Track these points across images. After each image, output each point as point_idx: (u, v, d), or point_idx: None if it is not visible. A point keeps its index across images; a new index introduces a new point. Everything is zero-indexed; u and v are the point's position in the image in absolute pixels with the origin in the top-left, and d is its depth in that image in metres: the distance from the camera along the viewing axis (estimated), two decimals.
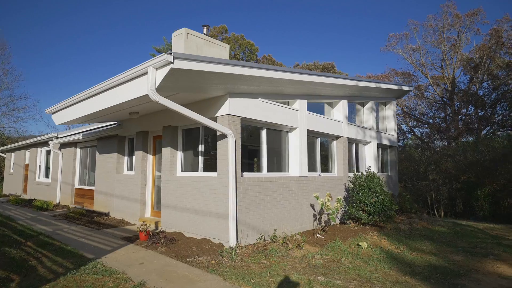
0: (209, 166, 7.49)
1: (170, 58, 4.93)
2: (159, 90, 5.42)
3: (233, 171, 6.48)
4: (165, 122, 8.25)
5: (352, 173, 10.36)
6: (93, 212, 10.97)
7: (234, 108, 6.76)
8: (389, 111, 13.65)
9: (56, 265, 5.24)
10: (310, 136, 9.03)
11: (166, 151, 8.15)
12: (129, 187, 9.59)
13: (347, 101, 10.65)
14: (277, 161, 8.37)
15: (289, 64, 40.67)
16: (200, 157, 7.73)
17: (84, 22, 61.94)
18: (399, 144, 28.35)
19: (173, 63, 4.99)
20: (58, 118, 8.85)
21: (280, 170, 8.35)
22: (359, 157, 11.78)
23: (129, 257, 5.73)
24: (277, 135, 8.37)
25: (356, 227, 8.67)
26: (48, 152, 15.44)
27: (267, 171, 7.76)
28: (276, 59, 33.17)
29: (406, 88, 13.16)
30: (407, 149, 27.46)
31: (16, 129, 31.10)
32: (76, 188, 13.02)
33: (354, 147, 11.44)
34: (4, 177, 21.19)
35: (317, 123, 9.17)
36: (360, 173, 9.27)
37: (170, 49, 16.49)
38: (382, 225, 9.00)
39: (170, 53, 4.94)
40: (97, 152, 11.46)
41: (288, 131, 8.58)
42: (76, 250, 6.11)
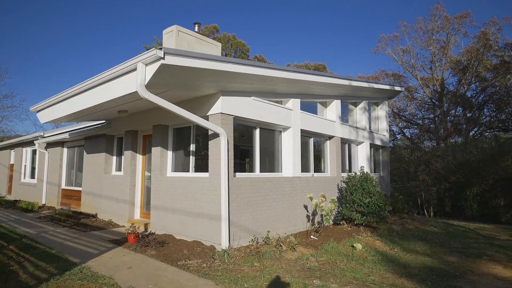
0: (201, 166, 7.30)
1: (160, 53, 4.73)
2: (149, 87, 5.21)
3: (226, 171, 6.31)
4: (155, 121, 8.02)
5: (345, 174, 10.29)
6: (80, 213, 10.64)
7: (227, 106, 6.59)
8: (381, 112, 13.65)
9: (39, 270, 4.98)
10: (303, 136, 8.91)
11: (156, 150, 7.92)
12: (118, 188, 9.31)
13: (340, 100, 10.58)
14: (270, 161, 8.22)
15: (280, 65, 40.56)
16: (191, 157, 7.53)
17: (75, 22, 60.87)
18: (390, 144, 28.55)
19: (163, 58, 4.79)
20: (43, 116, 8.54)
21: (273, 170, 8.21)
22: (351, 157, 11.72)
23: (117, 261, 5.50)
24: (270, 134, 8.22)
25: (349, 228, 8.58)
26: (34, 152, 15.00)
27: (260, 172, 7.61)
28: (267, 59, 33.12)
29: (398, 88, 13.17)
30: (397, 150, 27.67)
31: (1, 128, 30.32)
32: (62, 189, 12.65)
33: (347, 147, 11.38)
34: None
35: (311, 123, 9.06)
36: (353, 174, 9.19)
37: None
38: (376, 226, 8.94)
39: (161, 48, 4.74)
40: (84, 152, 11.13)
41: (281, 131, 8.45)
42: (61, 254, 5.85)
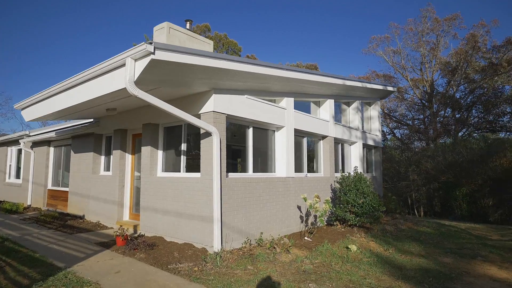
0: (192, 166, 7.10)
1: (150, 48, 4.53)
2: (138, 83, 5.00)
3: (218, 171, 6.13)
4: (145, 120, 7.78)
5: (338, 174, 10.20)
6: (67, 215, 10.31)
7: (219, 104, 6.41)
8: (373, 112, 13.63)
9: (20, 276, 4.72)
10: (296, 136, 8.78)
11: (146, 150, 7.68)
12: (106, 188, 9.03)
13: (333, 100, 10.49)
14: (263, 161, 8.07)
15: None
16: (182, 156, 7.32)
17: (63, 22, 59.71)
18: (381, 145, 28.72)
19: (153, 53, 4.59)
20: (28, 114, 8.21)
21: (266, 170, 8.05)
22: (344, 157, 11.65)
23: (104, 265, 5.27)
24: (264, 134, 8.07)
25: (343, 229, 8.48)
26: (19, 151, 14.53)
27: (253, 172, 7.45)
28: (259, 59, 32.95)
29: (390, 88, 13.18)
30: (387, 150, 27.85)
31: None
32: (49, 190, 12.26)
33: (340, 147, 11.30)
34: None
35: (304, 122, 8.94)
36: (347, 174, 9.10)
37: None
38: (369, 226, 8.86)
39: (151, 43, 4.54)
40: (72, 151, 10.80)
41: (274, 130, 8.30)
42: (45, 258, 5.57)
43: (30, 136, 12.53)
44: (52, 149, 12.41)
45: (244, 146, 7.53)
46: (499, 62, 24.52)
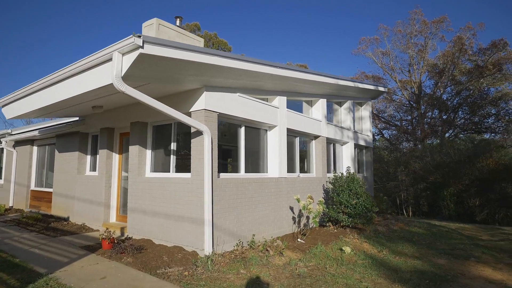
0: (182, 166, 6.86)
1: (139, 41, 4.29)
2: (126, 79, 4.75)
3: (209, 171, 5.91)
4: (133, 118, 7.51)
5: (331, 174, 10.10)
6: (51, 216, 9.91)
7: (211, 102, 6.20)
8: (365, 112, 13.62)
9: None
10: (289, 135, 8.63)
11: (134, 149, 7.41)
12: (92, 189, 8.70)
13: (325, 100, 10.39)
14: (255, 161, 7.89)
15: None
16: (172, 156, 7.08)
17: (52, 21, 58.28)
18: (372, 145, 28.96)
19: (142, 47, 4.35)
20: (9, 111, 7.82)
21: (258, 170, 7.88)
22: (336, 157, 11.57)
23: (88, 270, 4.99)
24: (256, 133, 7.89)
25: (335, 230, 8.37)
26: (0, 151, 13.97)
27: (245, 172, 7.26)
28: None
29: (381, 88, 13.18)
30: (377, 151, 28.05)
31: None
32: (32, 190, 11.81)
33: (332, 147, 11.22)
34: None
35: (297, 122, 8.80)
36: (340, 174, 9.00)
37: None
38: (361, 227, 8.78)
39: (140, 36, 4.30)
40: (56, 150, 10.40)
41: (267, 129, 8.13)
42: (25, 263, 5.26)
43: (12, 134, 12.04)
44: (35, 148, 11.97)
45: (235, 145, 7.33)
46: (484, 64, 24.96)
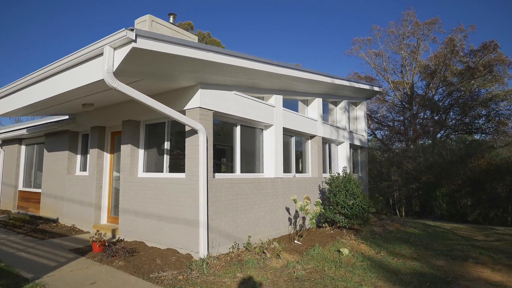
0: (176, 166, 6.66)
1: (131, 35, 4.09)
2: (118, 74, 4.54)
3: (204, 171, 5.73)
4: (125, 116, 7.28)
5: (327, 174, 9.99)
6: (39, 218, 9.60)
7: (206, 100, 6.02)
8: (360, 112, 13.57)
9: None
10: (285, 135, 8.49)
11: (126, 149, 7.18)
12: (82, 189, 8.43)
13: (321, 99, 10.28)
14: (251, 161, 7.73)
15: None
16: (165, 155, 6.87)
17: (45, 20, 57.23)
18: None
19: (135, 41, 4.16)
20: None
21: (254, 171, 7.71)
22: (331, 157, 11.47)
23: (78, 275, 4.77)
24: (252, 132, 7.73)
25: (332, 231, 8.25)
26: None
27: (240, 172, 7.09)
28: None
29: (376, 88, 13.13)
30: (370, 151, 28.12)
31: None
32: (20, 191, 11.45)
33: (327, 147, 11.12)
34: None
35: (293, 121, 8.67)
36: (336, 174, 8.89)
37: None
38: (358, 228, 8.68)
39: (132, 29, 4.11)
40: (45, 149, 10.07)
41: (263, 129, 7.97)
42: (11, 268, 5.01)
43: None
44: (23, 147, 11.62)
45: (231, 145, 7.16)
46: (475, 66, 25.22)
